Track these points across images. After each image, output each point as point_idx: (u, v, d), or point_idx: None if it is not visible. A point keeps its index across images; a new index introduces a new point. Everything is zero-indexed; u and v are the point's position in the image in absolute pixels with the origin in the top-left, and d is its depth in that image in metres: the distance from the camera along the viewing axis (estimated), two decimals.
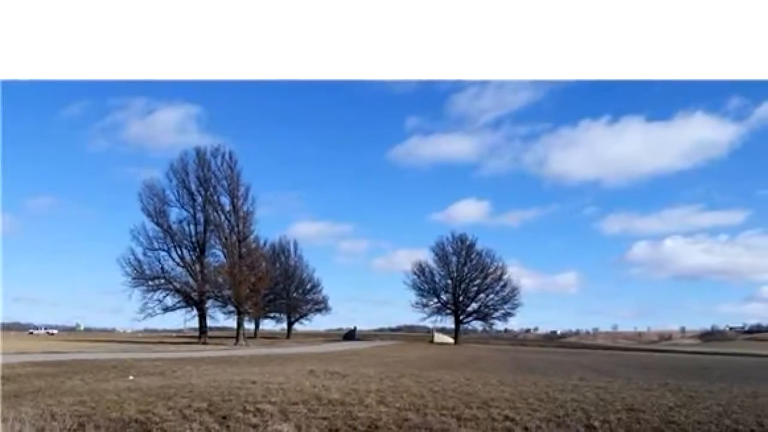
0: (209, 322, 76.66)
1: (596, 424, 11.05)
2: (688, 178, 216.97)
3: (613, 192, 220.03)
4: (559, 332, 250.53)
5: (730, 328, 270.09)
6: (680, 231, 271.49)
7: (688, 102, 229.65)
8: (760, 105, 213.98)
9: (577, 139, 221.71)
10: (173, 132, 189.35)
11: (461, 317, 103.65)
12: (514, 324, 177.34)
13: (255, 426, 9.70)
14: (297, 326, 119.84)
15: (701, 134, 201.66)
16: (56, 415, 10.23)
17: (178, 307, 74.86)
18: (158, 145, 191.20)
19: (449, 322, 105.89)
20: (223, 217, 69.79)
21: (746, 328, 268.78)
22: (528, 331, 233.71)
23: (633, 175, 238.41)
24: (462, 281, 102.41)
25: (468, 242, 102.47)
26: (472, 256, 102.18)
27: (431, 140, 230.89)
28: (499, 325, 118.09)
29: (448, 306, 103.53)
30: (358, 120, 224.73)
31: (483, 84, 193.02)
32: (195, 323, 77.71)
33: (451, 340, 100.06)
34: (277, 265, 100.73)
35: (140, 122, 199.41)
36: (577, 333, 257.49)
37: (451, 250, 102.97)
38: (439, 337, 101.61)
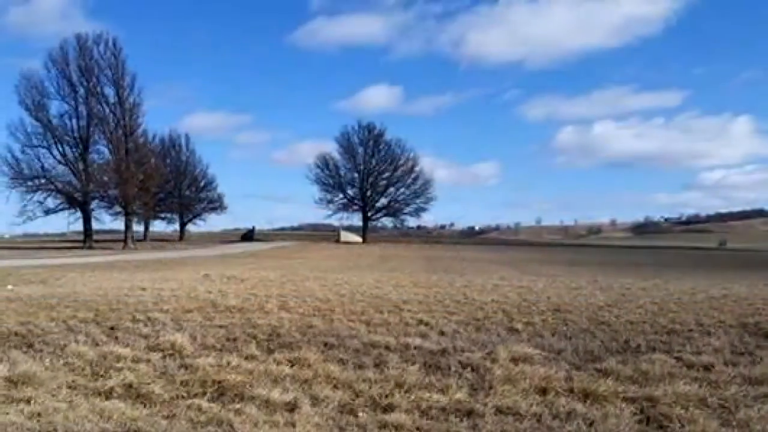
0: (95, 225, 75.34)
1: (519, 326, 11.19)
2: (619, 57, 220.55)
3: (536, 74, 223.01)
4: (477, 228, 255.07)
5: (666, 220, 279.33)
6: (611, 114, 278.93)
7: None
8: None
9: (497, 17, 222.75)
10: (57, 18, 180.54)
11: (369, 214, 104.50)
12: (428, 220, 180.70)
13: (146, 336, 9.72)
14: (190, 227, 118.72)
15: (633, 10, 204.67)
16: None
17: (61, 209, 73.29)
18: (40, 34, 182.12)
19: (357, 220, 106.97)
20: (107, 110, 68.05)
21: (683, 219, 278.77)
22: (443, 227, 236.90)
23: (559, 55, 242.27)
24: (370, 174, 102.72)
25: (376, 132, 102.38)
26: (381, 146, 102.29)
27: (337, 21, 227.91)
28: (411, 222, 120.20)
29: (355, 202, 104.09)
30: None
31: None
32: (79, 226, 76.09)
33: (359, 239, 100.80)
34: (168, 161, 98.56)
35: (20, 8, 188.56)
36: (498, 228, 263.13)
37: (357, 140, 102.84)
38: (345, 236, 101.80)
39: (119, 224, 76.20)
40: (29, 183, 69.51)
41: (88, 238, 71.43)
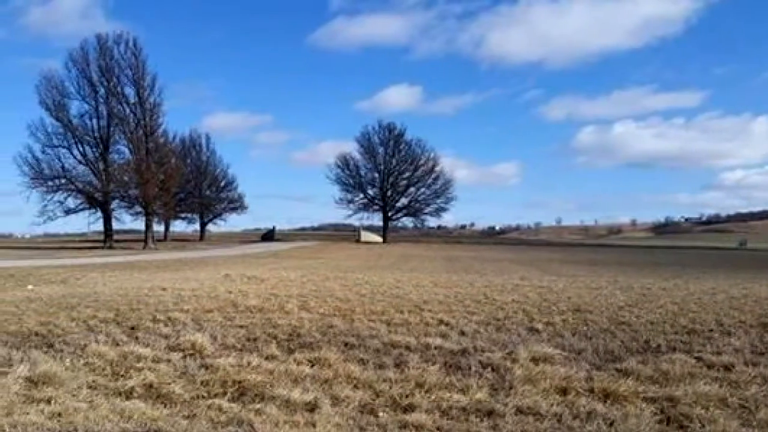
0: (115, 225, 75.81)
1: (539, 326, 11.20)
2: (639, 58, 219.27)
3: (557, 74, 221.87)
4: (498, 228, 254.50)
5: (686, 219, 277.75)
6: (631, 114, 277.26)
7: None
8: None
9: (517, 17, 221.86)
10: (77, 18, 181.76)
11: (390, 213, 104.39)
12: (449, 220, 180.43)
13: (166, 336, 9.79)
14: (211, 227, 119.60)
15: (653, 10, 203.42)
16: None
17: (81, 209, 73.57)
18: (60, 33, 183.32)
19: (377, 220, 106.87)
20: (128, 110, 68.35)
21: (703, 219, 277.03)
22: (463, 227, 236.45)
23: (579, 55, 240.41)
24: (390, 174, 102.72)
25: (396, 131, 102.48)
26: (401, 146, 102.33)
27: (357, 21, 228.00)
28: (432, 222, 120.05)
29: (376, 201, 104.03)
30: None
31: None
32: (99, 226, 76.64)
33: (379, 239, 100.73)
34: (188, 160, 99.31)
35: (40, 7, 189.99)
36: (518, 228, 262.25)
37: (377, 140, 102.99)
38: (366, 236, 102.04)
39: (140, 224, 76.75)
40: (50, 183, 69.83)
41: (108, 238, 71.77)
